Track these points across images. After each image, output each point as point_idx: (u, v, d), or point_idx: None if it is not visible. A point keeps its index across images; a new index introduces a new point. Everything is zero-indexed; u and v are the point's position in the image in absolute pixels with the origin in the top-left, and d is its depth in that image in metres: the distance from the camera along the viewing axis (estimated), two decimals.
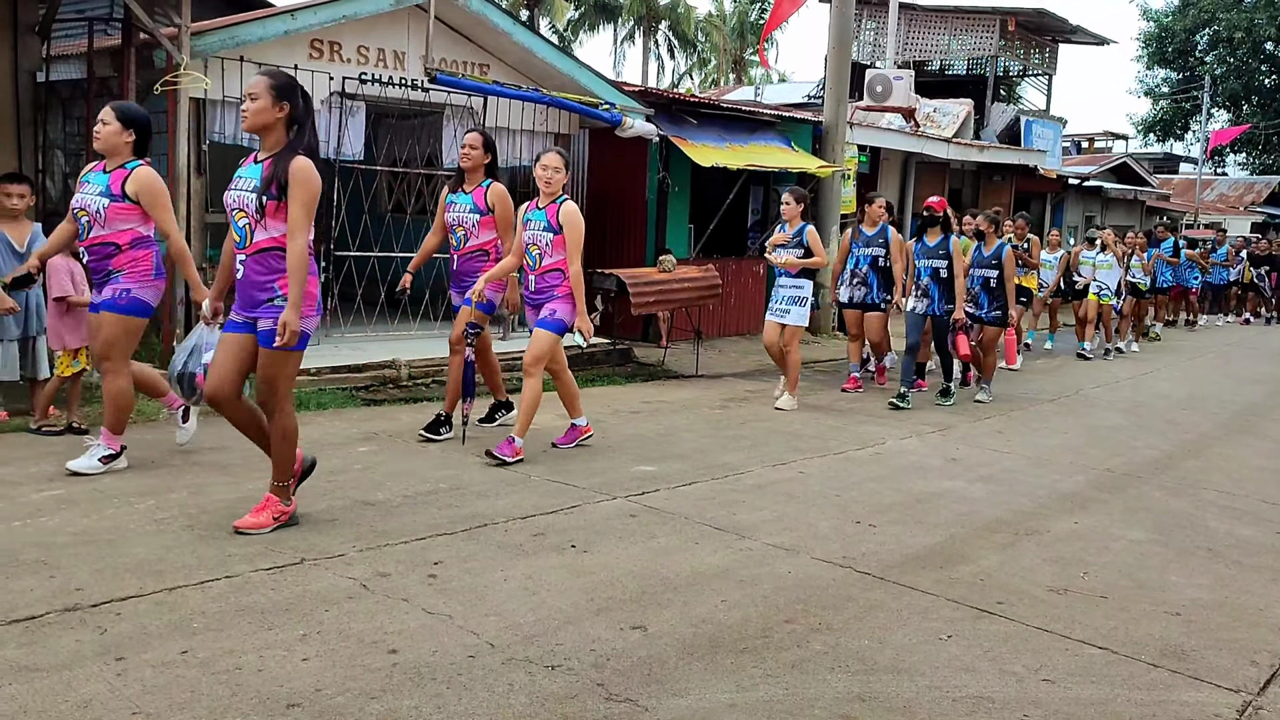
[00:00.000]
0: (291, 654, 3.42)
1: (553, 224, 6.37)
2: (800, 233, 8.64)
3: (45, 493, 5.02)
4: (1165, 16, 41.94)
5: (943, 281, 9.16)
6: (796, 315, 8.73)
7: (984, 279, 9.78)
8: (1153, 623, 4.23)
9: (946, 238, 9.17)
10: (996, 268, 9.71)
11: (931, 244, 9.19)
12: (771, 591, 4.31)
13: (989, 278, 9.76)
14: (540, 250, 6.42)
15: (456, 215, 6.80)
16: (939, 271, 9.16)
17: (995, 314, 9.75)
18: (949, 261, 9.10)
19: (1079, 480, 6.73)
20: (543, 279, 6.44)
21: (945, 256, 9.12)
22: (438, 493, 5.48)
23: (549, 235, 6.37)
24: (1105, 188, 24.29)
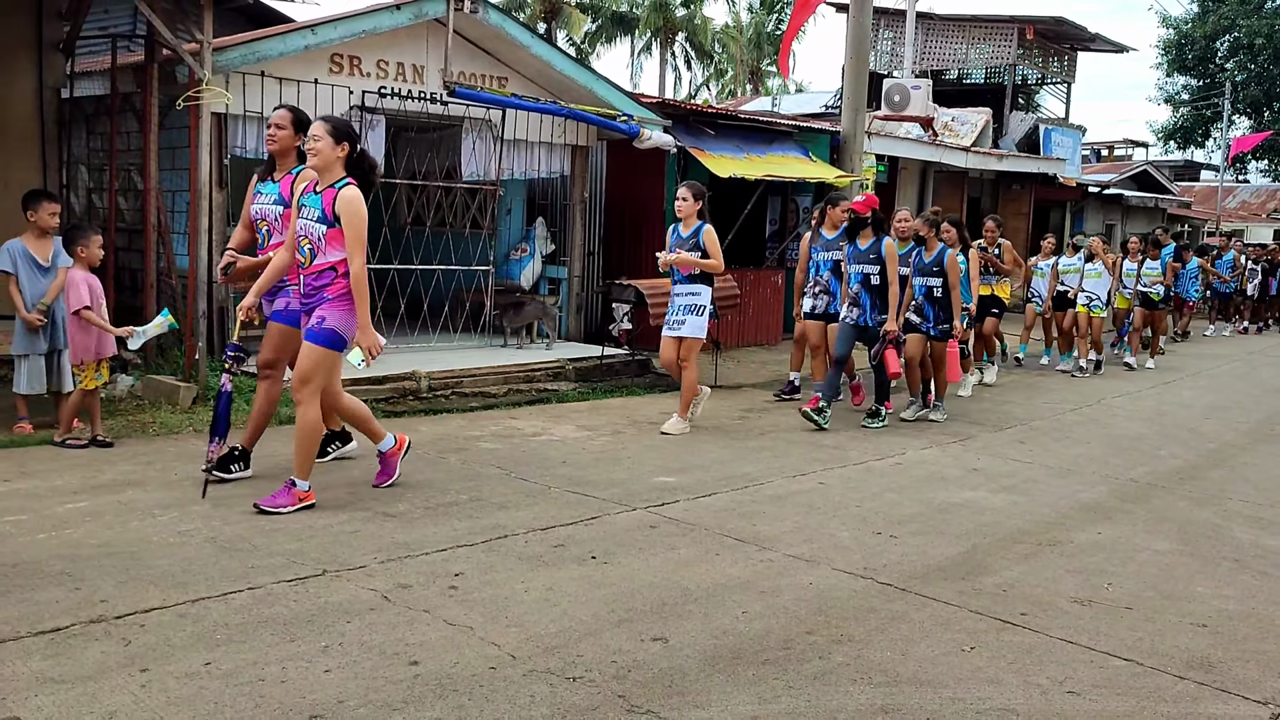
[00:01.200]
0: (314, 665, 3.43)
1: (327, 213, 5.18)
2: (697, 232, 7.81)
3: (69, 505, 5.06)
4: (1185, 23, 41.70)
5: (874, 289, 8.42)
6: (693, 326, 7.88)
7: (926, 288, 8.94)
8: (1179, 634, 4.19)
9: (878, 240, 8.39)
10: (939, 275, 8.89)
11: (863, 247, 8.43)
12: (793, 603, 4.30)
13: (932, 286, 8.91)
14: (312, 244, 5.24)
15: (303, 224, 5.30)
16: (870, 278, 8.40)
17: (944, 326, 8.97)
18: (881, 267, 8.34)
19: (1102, 490, 6.68)
20: (315, 279, 5.30)
21: (877, 261, 8.34)
22: (458, 504, 5.49)
23: (322, 228, 5.20)
24: (1125, 195, 24.16)
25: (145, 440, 6.65)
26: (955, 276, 8.90)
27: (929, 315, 8.95)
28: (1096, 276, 12.59)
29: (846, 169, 13.82)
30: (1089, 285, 12.56)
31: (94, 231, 6.58)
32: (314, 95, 8.87)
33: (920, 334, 8.95)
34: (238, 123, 8.49)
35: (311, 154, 5.23)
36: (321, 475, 5.92)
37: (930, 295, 8.91)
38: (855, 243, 8.50)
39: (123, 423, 6.97)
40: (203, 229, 7.89)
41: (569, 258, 11.52)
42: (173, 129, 8.60)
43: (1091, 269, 12.56)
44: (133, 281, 9.15)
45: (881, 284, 8.38)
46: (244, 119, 8.52)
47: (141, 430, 6.88)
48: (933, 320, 8.93)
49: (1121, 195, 24.01)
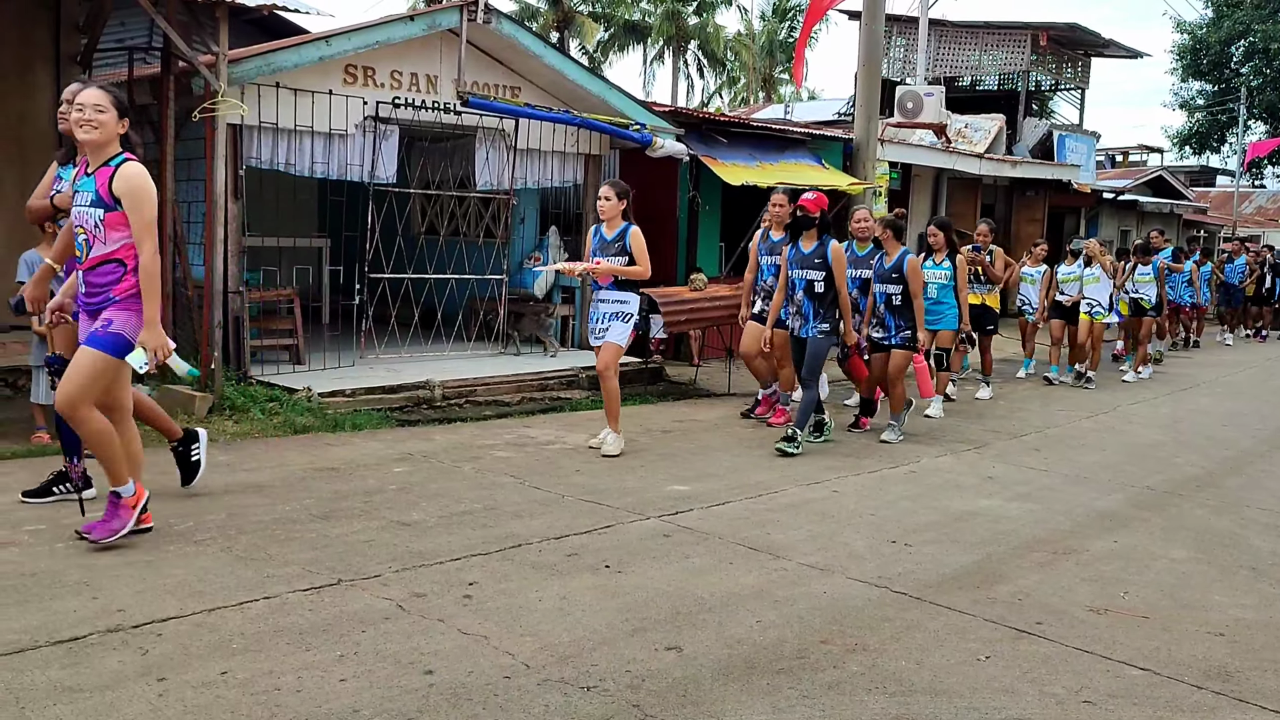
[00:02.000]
0: (329, 675, 3.45)
1: (104, 196, 4.45)
2: (623, 235, 7.24)
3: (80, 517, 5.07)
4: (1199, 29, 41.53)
5: (818, 297, 7.66)
6: (616, 333, 7.28)
7: (885, 296, 8.28)
8: (1196, 643, 4.17)
9: (824, 243, 7.66)
10: (899, 282, 8.21)
11: (806, 251, 7.71)
12: (807, 612, 4.29)
13: (892, 295, 8.24)
14: (88, 234, 4.52)
15: (77, 212, 4.61)
16: (814, 285, 7.65)
17: (904, 336, 8.26)
18: (827, 272, 7.60)
19: (1118, 498, 6.65)
20: (97, 276, 4.54)
21: (822, 266, 7.61)
22: (472, 513, 5.50)
23: (99, 212, 4.47)
24: (1141, 201, 24.06)
25: (160, 450, 6.65)
26: (917, 283, 8.24)
27: (890, 326, 8.32)
28: (1095, 281, 11.91)
29: (860, 176, 13.81)
30: (1090, 291, 11.91)
31: None
32: (328, 106, 8.92)
33: (887, 351, 8.35)
34: (253, 134, 8.54)
35: (91, 128, 4.43)
36: (337, 484, 5.96)
37: (890, 304, 8.28)
38: (798, 245, 7.79)
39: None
40: (218, 239, 7.94)
41: None
42: (189, 140, 8.66)
43: (1090, 274, 11.89)
44: None
45: (827, 290, 7.66)
46: (259, 130, 8.57)
47: (157, 440, 6.89)
48: (893, 330, 8.29)
49: (1137, 201, 23.91)
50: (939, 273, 9.43)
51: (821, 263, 7.64)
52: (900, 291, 8.21)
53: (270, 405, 7.79)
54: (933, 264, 9.38)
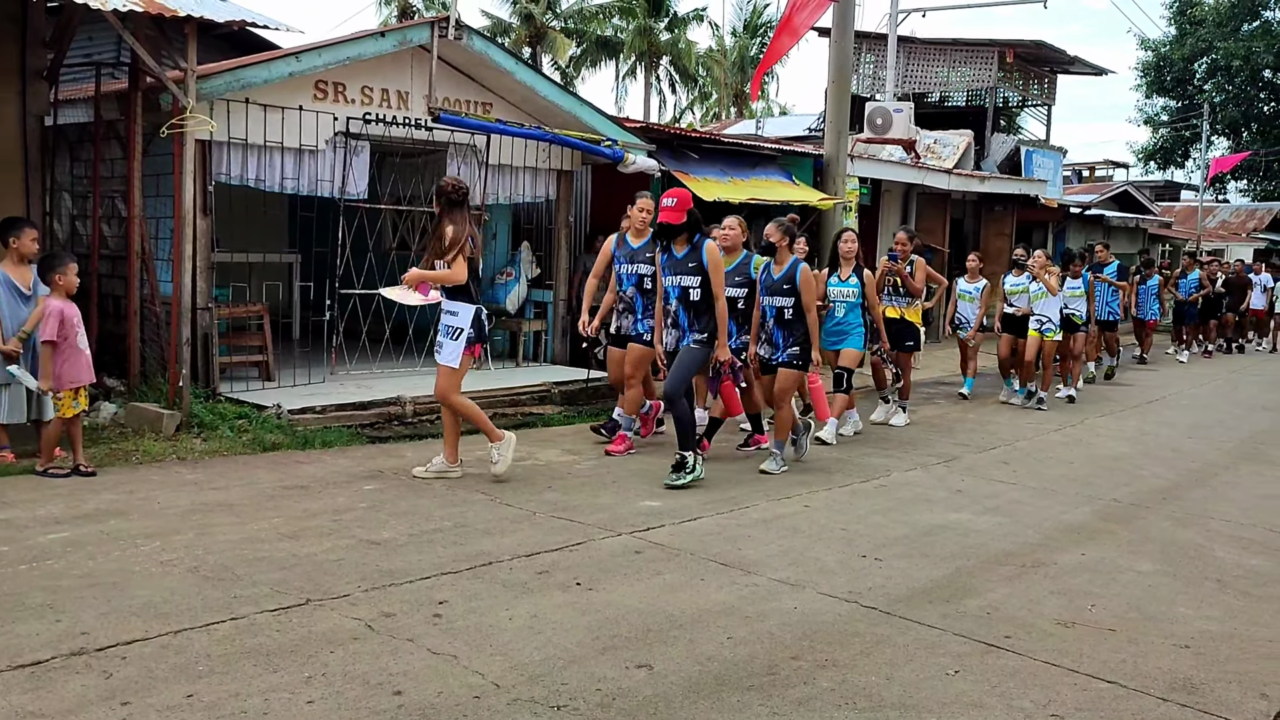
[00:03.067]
0: (296, 697, 3.42)
1: None
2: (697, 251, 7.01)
3: (51, 535, 5.03)
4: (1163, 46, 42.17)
5: (694, 305, 7.00)
6: (447, 353, 6.62)
7: (776, 310, 7.46)
8: (1162, 656, 4.21)
9: (697, 246, 6.96)
10: (790, 294, 7.40)
11: (679, 255, 7.02)
12: (777, 628, 4.30)
13: (782, 308, 7.43)
14: None
15: None
16: (689, 293, 6.97)
17: (791, 353, 7.45)
18: (703, 278, 6.91)
19: (1085, 511, 6.71)
20: None
21: (697, 271, 6.92)
22: (442, 531, 5.48)
23: None
24: (1107, 216, 24.35)
25: (129, 469, 6.61)
26: (810, 295, 7.42)
27: (778, 342, 7.52)
28: (1043, 297, 11.27)
29: (830, 192, 13.90)
30: (1040, 307, 11.26)
31: (70, 259, 6.56)
32: (298, 121, 8.89)
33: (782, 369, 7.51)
34: (222, 149, 8.49)
35: None
36: (306, 502, 5.91)
37: (780, 318, 7.47)
38: (671, 250, 7.06)
39: (106, 451, 6.93)
40: (187, 255, 7.89)
41: (554, 281, 11.54)
42: (157, 156, 8.59)
43: (1038, 289, 11.26)
44: (116, 309, 9.12)
45: (703, 298, 6.97)
46: (229, 146, 8.52)
47: (125, 459, 6.85)
48: (781, 347, 7.49)
49: (1103, 216, 24.20)
50: (845, 289, 8.89)
51: (696, 267, 6.95)
52: (792, 305, 7.40)
53: (239, 423, 7.73)
54: (838, 279, 8.91)
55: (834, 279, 8.90)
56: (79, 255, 9.42)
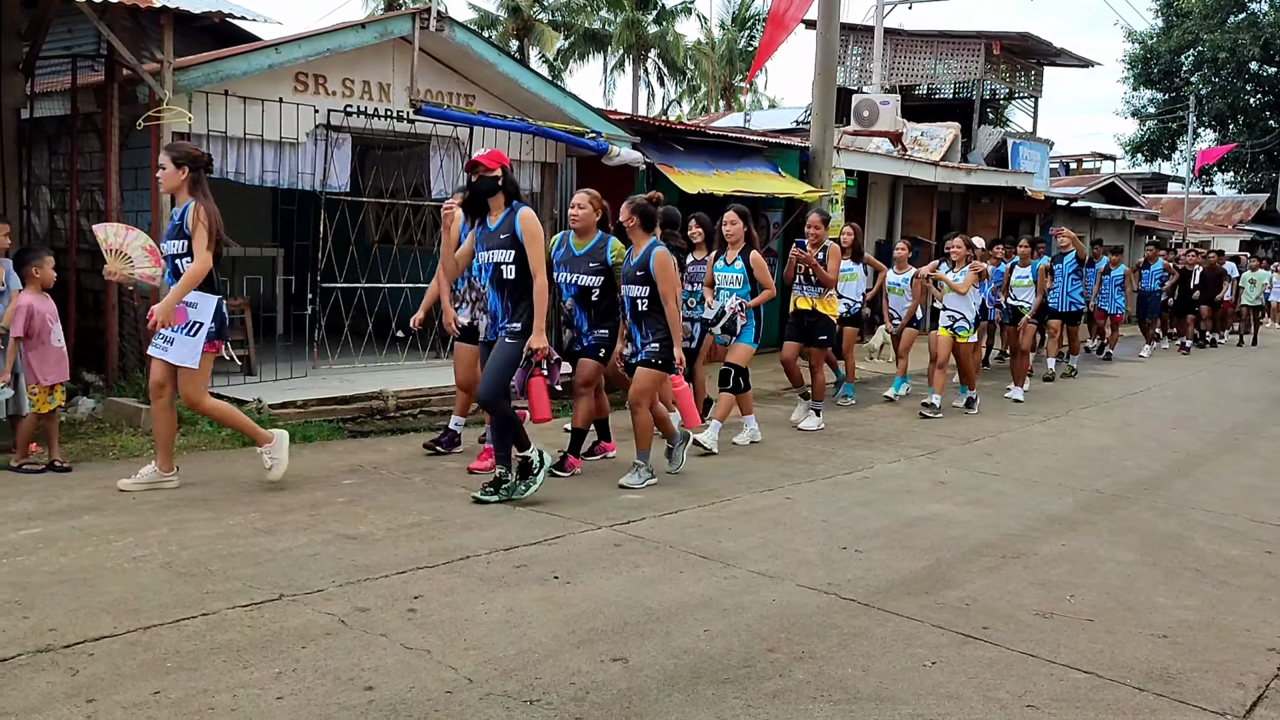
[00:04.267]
0: (265, 693, 3.38)
1: None
2: (182, 214, 5.86)
3: (23, 531, 4.97)
4: (1150, 38, 42.27)
5: (509, 286, 5.90)
6: (182, 351, 5.74)
7: (631, 300, 6.62)
8: (1139, 645, 4.20)
9: (512, 213, 5.89)
10: (645, 282, 6.51)
11: (492, 226, 5.94)
12: (755, 620, 4.28)
13: (638, 299, 6.57)
14: None
15: None
16: (503, 270, 5.87)
17: (651, 350, 6.59)
18: (516, 251, 5.81)
19: (1067, 501, 6.70)
20: None
21: (510, 245, 5.82)
22: (421, 525, 5.44)
23: None
24: (1094, 208, 24.38)
25: (105, 464, 6.56)
26: (668, 284, 6.48)
27: (635, 338, 6.74)
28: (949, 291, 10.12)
29: (816, 184, 13.88)
30: (949, 301, 10.16)
31: (46, 253, 6.49)
32: (279, 114, 8.82)
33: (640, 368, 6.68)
34: (201, 142, 8.40)
35: None
36: (283, 497, 5.87)
37: (635, 310, 6.65)
38: (485, 220, 6.00)
39: (83, 446, 6.88)
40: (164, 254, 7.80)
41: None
42: (135, 149, 8.52)
43: (958, 279, 10.09)
44: (96, 303, 9.04)
45: (519, 278, 5.86)
46: (208, 138, 8.45)
47: (102, 454, 6.79)
48: (639, 343, 6.70)
49: (1090, 208, 24.23)
50: (730, 275, 8.00)
51: (509, 239, 5.84)
52: (647, 295, 6.54)
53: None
54: (723, 263, 8.03)
55: (719, 263, 8.07)
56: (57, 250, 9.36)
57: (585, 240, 6.73)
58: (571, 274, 6.72)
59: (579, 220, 6.69)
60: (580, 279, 6.71)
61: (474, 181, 5.94)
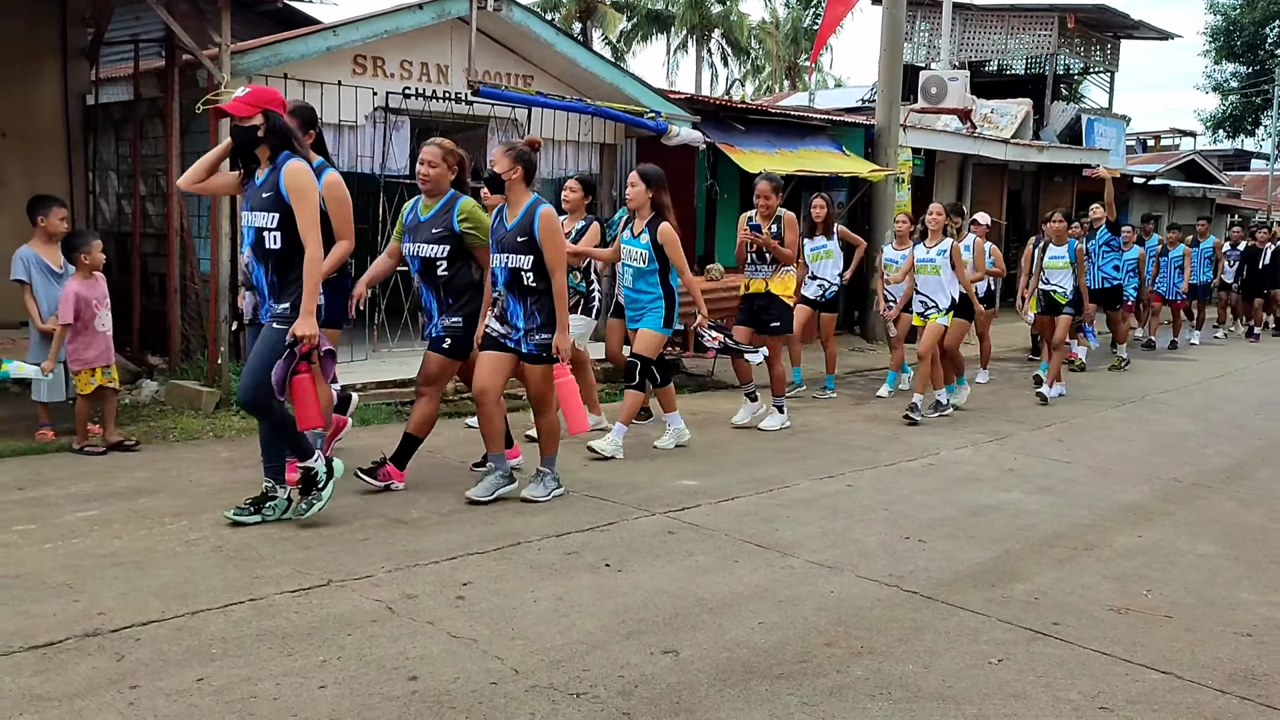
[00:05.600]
0: (309, 681, 3.32)
1: None
2: None
3: (80, 514, 5.00)
4: (1232, 9, 40.78)
5: (272, 258, 4.83)
6: None
7: (509, 271, 5.41)
8: (1221, 644, 3.97)
9: (276, 171, 4.72)
10: (530, 249, 5.32)
11: (257, 182, 4.84)
12: (812, 612, 4.13)
13: (518, 270, 5.37)
14: None
15: None
16: (264, 238, 4.79)
17: (542, 338, 5.43)
18: (281, 215, 4.71)
19: (1143, 491, 6.42)
20: None
21: (275, 206, 4.73)
22: (473, 510, 5.37)
23: None
24: (1172, 186, 23.61)
25: (165, 446, 6.61)
26: (555, 251, 5.33)
27: (517, 320, 5.49)
28: (931, 272, 8.68)
29: (881, 163, 13.59)
30: (921, 284, 8.75)
31: (94, 237, 6.54)
32: (337, 97, 8.81)
33: (508, 353, 5.51)
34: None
35: None
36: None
37: (517, 284, 5.42)
38: (253, 178, 4.86)
39: (144, 428, 6.94)
40: (224, 232, 7.84)
41: None
42: (197, 133, 8.57)
43: (930, 259, 8.68)
44: (160, 287, 9.15)
45: (285, 247, 4.77)
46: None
47: (162, 436, 6.85)
48: (522, 327, 5.46)
49: (1168, 186, 23.47)
50: (635, 249, 6.87)
51: (273, 199, 4.73)
52: (531, 265, 5.35)
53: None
54: (630, 235, 6.93)
55: (626, 234, 6.98)
56: (123, 234, 9.49)
57: (434, 203, 5.62)
58: (414, 243, 5.63)
59: (429, 179, 5.57)
60: (421, 249, 5.58)
61: (230, 131, 4.87)
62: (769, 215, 7.93)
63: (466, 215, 5.55)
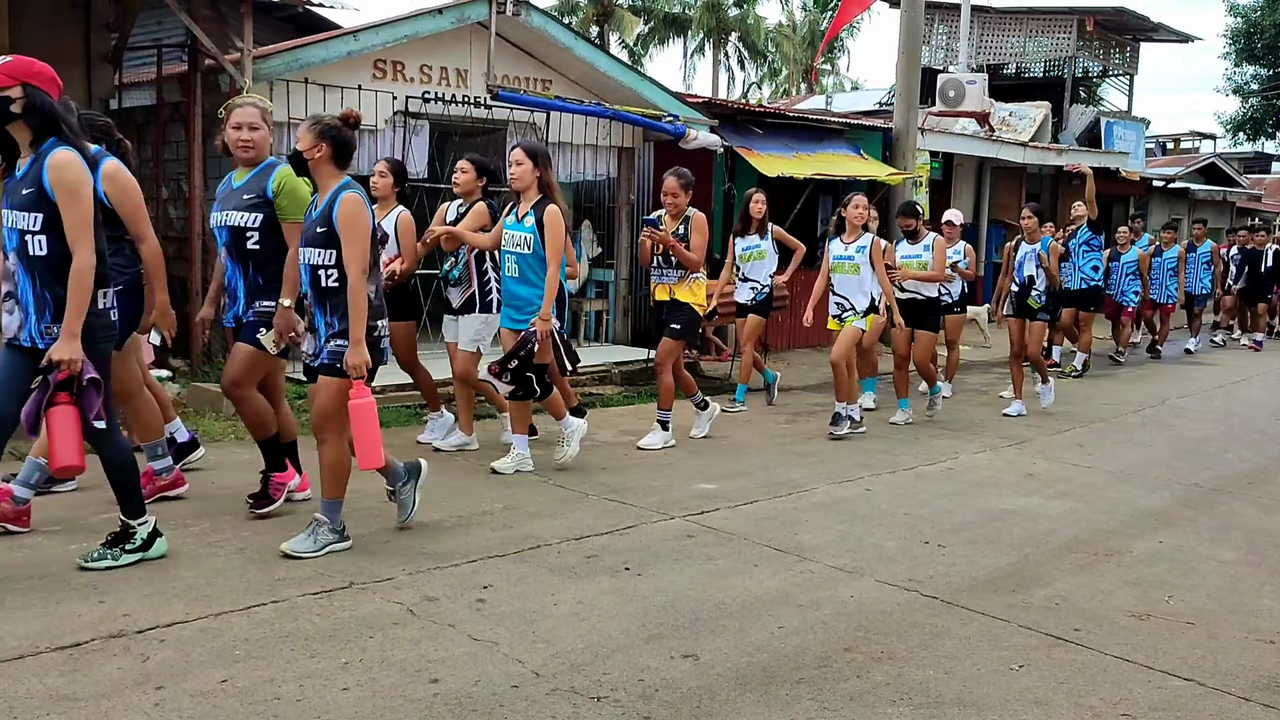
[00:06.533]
0: (331, 683, 3.35)
1: None
2: None
3: (104, 515, 5.02)
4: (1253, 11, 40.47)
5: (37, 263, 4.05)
6: None
7: (310, 270, 4.58)
8: (1244, 651, 3.95)
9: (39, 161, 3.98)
10: (329, 243, 4.49)
11: (18, 175, 4.08)
12: (831, 617, 4.13)
13: (317, 267, 4.55)
14: None
15: None
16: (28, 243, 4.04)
17: (336, 346, 4.56)
18: (45, 215, 3.98)
19: (1164, 496, 6.39)
20: None
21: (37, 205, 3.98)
22: (492, 513, 5.39)
23: None
24: (1192, 189, 23.46)
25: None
26: (356, 245, 4.44)
27: (319, 327, 4.65)
28: (851, 271, 7.81)
29: (899, 166, 13.57)
30: (838, 284, 7.91)
31: None
32: (358, 101, 8.86)
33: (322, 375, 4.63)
34: (281, 130, 8.49)
35: None
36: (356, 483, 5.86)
37: (316, 285, 4.60)
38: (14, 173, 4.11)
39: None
40: None
41: (616, 261, 11.42)
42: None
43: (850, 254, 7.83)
44: (182, 290, 9.20)
45: (52, 252, 4.01)
46: (288, 126, 8.52)
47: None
48: (323, 334, 4.63)
49: (1188, 189, 23.32)
50: (519, 234, 6.05)
51: (35, 195, 3.97)
52: (334, 262, 4.52)
53: (299, 402, 7.71)
54: (514, 219, 6.09)
55: (509, 219, 6.16)
56: None
57: (249, 170, 5.06)
58: (223, 211, 5.00)
59: (251, 144, 5.00)
60: (230, 217, 4.94)
61: None
62: (678, 214, 7.26)
63: (282, 181, 4.96)
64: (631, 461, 6.77)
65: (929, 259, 8.63)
